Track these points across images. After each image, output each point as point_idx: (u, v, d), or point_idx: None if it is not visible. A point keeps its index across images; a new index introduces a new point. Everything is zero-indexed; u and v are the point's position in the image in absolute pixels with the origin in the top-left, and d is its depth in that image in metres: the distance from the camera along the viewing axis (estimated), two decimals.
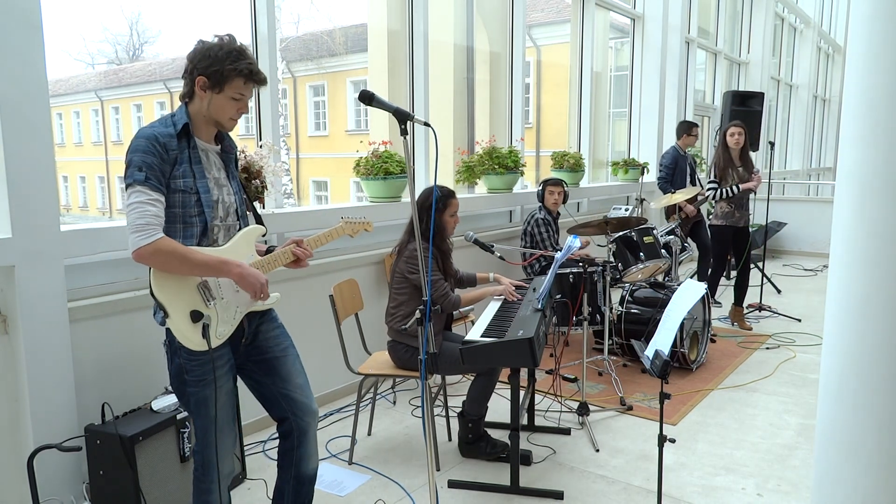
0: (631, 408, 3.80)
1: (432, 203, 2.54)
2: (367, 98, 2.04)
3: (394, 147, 4.34)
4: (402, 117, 2.04)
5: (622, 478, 3.04)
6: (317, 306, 3.72)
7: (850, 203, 1.72)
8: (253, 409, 2.79)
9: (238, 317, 2.09)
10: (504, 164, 5.21)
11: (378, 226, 4.31)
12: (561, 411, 3.76)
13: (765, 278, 6.55)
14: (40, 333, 2.55)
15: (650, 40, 7.99)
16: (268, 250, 2.21)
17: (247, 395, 2.27)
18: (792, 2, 12.69)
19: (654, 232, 4.55)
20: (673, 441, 2.46)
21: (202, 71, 1.95)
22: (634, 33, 8.04)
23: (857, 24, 1.70)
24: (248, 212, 2.26)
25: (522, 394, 3.29)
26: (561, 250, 3.21)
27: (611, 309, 4.35)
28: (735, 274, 5.59)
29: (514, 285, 3.42)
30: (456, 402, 3.68)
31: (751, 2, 11.26)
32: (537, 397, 3.85)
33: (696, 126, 6.19)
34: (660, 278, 4.94)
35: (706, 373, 4.42)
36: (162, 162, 1.90)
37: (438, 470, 3.14)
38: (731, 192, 5.20)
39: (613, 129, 8.51)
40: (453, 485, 2.97)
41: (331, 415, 3.79)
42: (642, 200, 6.40)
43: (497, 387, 3.32)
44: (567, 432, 3.50)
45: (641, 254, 4.38)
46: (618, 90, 8.47)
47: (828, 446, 1.84)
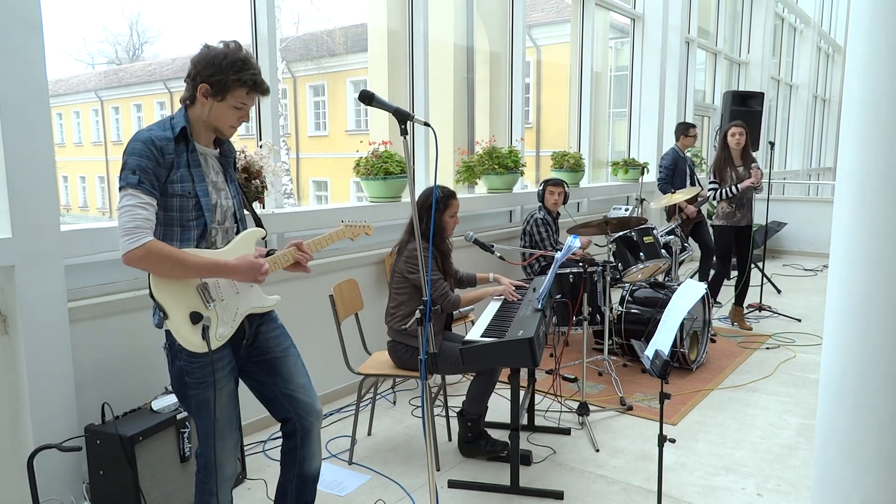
0: (631, 408, 3.80)
1: (433, 203, 2.54)
2: (367, 98, 2.04)
3: (394, 147, 4.33)
4: (402, 117, 2.04)
5: (622, 478, 3.04)
6: (317, 306, 3.72)
7: (850, 203, 1.73)
8: (253, 409, 2.79)
9: (238, 318, 2.08)
10: (504, 164, 5.21)
11: (378, 226, 4.31)
12: (561, 411, 3.76)
13: (765, 278, 6.55)
14: (40, 333, 2.55)
15: (650, 40, 7.99)
16: (268, 253, 2.21)
17: (246, 395, 2.27)
18: (792, 2, 12.69)
19: (654, 232, 4.55)
20: (673, 441, 2.47)
21: (205, 78, 1.95)
22: (634, 33, 8.04)
23: (857, 24, 1.70)
24: (247, 214, 2.26)
25: (522, 394, 3.29)
26: (561, 250, 3.21)
27: (611, 309, 4.35)
28: (735, 274, 5.59)
29: (513, 285, 3.42)
30: (456, 402, 3.68)
31: (751, 2, 11.26)
32: (537, 397, 3.85)
33: (694, 126, 6.19)
34: (660, 278, 4.94)
35: (706, 373, 4.42)
36: (157, 166, 1.89)
37: (438, 470, 3.14)
38: (731, 191, 5.20)
39: (613, 129, 8.51)
40: (453, 485, 2.97)
41: (331, 415, 3.79)
42: (642, 200, 6.40)
43: (497, 387, 3.32)
44: (567, 432, 3.50)
45: (641, 254, 4.38)
46: (618, 90, 8.47)
47: (828, 446, 1.84)
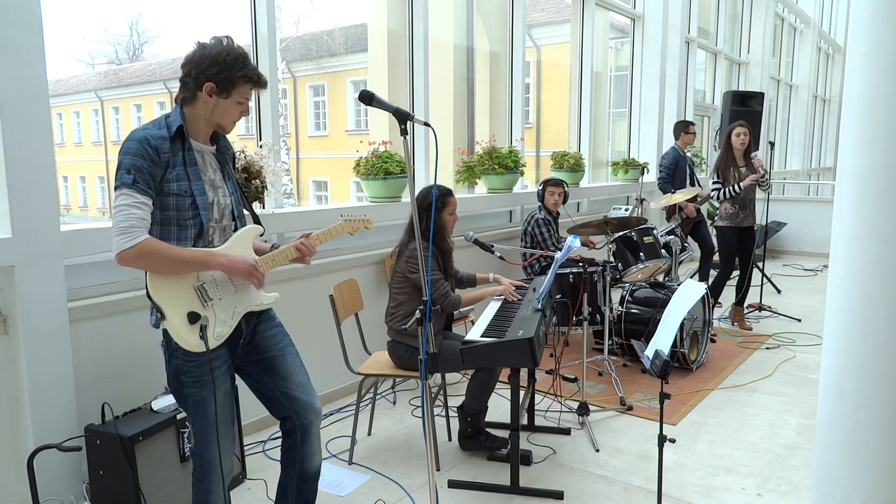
0: (631, 408, 3.80)
1: (432, 202, 2.54)
2: (367, 98, 2.04)
3: (394, 147, 4.33)
4: (402, 117, 2.04)
5: (622, 478, 3.04)
6: (317, 306, 3.72)
7: (851, 203, 1.73)
8: (253, 409, 2.79)
9: (237, 317, 2.08)
10: (504, 164, 5.21)
11: (378, 226, 4.31)
12: (561, 411, 3.76)
13: (765, 278, 6.55)
14: (40, 333, 2.55)
15: (650, 40, 7.98)
16: (272, 248, 2.21)
17: (246, 395, 2.28)
18: (792, 2, 12.69)
19: (654, 232, 4.55)
20: (673, 441, 2.47)
21: (211, 77, 1.95)
22: (634, 33, 8.04)
23: (857, 24, 1.70)
24: (246, 212, 2.26)
25: (522, 394, 3.29)
26: (561, 250, 3.21)
27: (611, 309, 4.35)
28: (736, 274, 5.59)
29: (514, 285, 3.42)
30: (456, 402, 3.67)
31: (751, 2, 11.26)
32: (537, 397, 3.85)
33: (693, 124, 6.19)
34: (660, 278, 4.94)
35: (706, 373, 4.42)
36: (152, 165, 1.88)
37: (438, 470, 3.14)
38: (734, 190, 5.20)
39: (613, 129, 8.50)
40: (453, 485, 2.97)
41: (331, 415, 3.79)
42: (642, 200, 6.40)
43: (497, 387, 3.32)
44: (567, 432, 3.50)
45: (641, 254, 4.38)
46: (618, 90, 8.47)
47: (828, 446, 1.84)
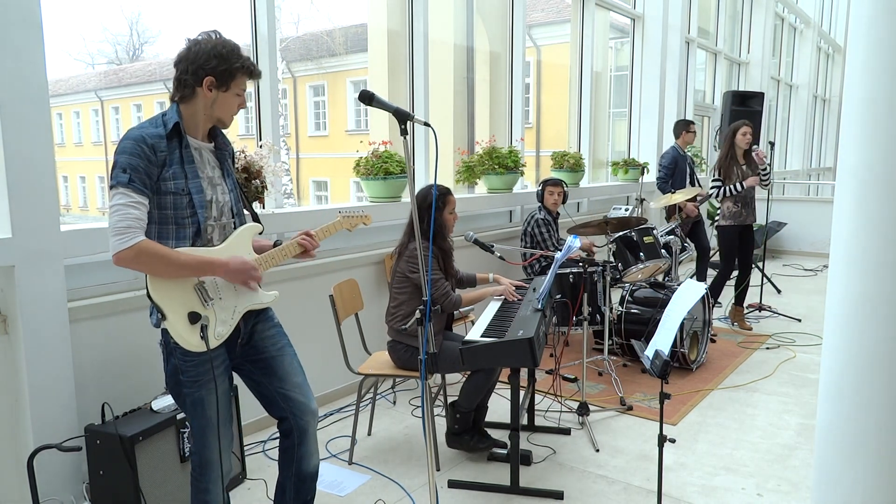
0: (631, 408, 3.80)
1: (432, 202, 2.54)
2: (367, 98, 2.04)
3: (394, 147, 4.33)
4: (402, 117, 2.04)
5: (622, 478, 3.04)
6: (317, 306, 3.72)
7: (851, 203, 1.72)
8: (253, 409, 2.79)
9: (236, 317, 2.08)
10: (504, 164, 5.21)
11: (378, 226, 4.32)
12: (561, 411, 3.76)
13: (765, 278, 6.54)
14: (40, 333, 2.55)
15: (650, 40, 7.98)
16: (275, 244, 2.21)
17: (246, 395, 2.28)
18: (792, 2, 12.69)
19: (654, 232, 4.55)
20: (673, 441, 2.47)
21: (210, 71, 1.95)
22: (634, 33, 8.04)
23: (857, 24, 1.70)
24: (245, 209, 2.25)
25: (522, 394, 3.29)
26: (561, 250, 3.21)
27: (611, 309, 4.35)
28: (736, 273, 5.58)
29: (514, 285, 3.42)
30: None
31: (751, 2, 11.26)
32: (537, 397, 3.84)
33: (694, 123, 6.19)
34: (660, 278, 4.94)
35: (706, 373, 4.42)
36: (149, 164, 1.87)
37: (438, 470, 3.13)
38: (736, 188, 5.20)
39: (613, 129, 8.50)
40: (453, 485, 2.97)
41: (331, 415, 3.80)
42: (642, 200, 6.39)
43: (497, 387, 3.32)
44: (567, 432, 3.50)
45: (641, 254, 4.38)
46: (618, 90, 8.46)
47: (828, 446, 1.84)
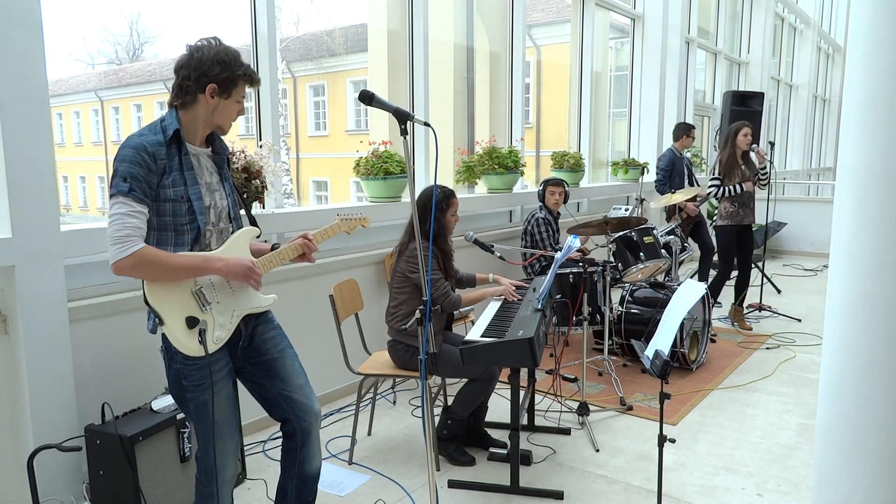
0: (631, 408, 3.80)
1: (434, 202, 2.53)
2: (367, 98, 2.04)
3: (394, 147, 4.33)
4: (402, 117, 2.04)
5: (622, 478, 3.04)
6: (317, 306, 3.72)
7: (851, 203, 1.72)
8: (252, 409, 2.79)
9: (235, 320, 2.07)
10: (504, 164, 5.21)
11: (378, 226, 4.32)
12: (561, 411, 3.76)
13: (765, 278, 6.54)
14: (40, 333, 2.55)
15: (650, 40, 7.98)
16: (273, 248, 2.21)
17: (246, 395, 2.27)
18: (792, 2, 12.69)
19: (654, 232, 4.55)
20: (673, 441, 2.47)
21: (213, 78, 1.94)
22: (634, 33, 8.04)
23: (857, 24, 1.70)
24: (242, 213, 2.25)
25: (522, 394, 3.29)
26: (561, 250, 3.21)
27: (611, 309, 4.35)
28: (736, 274, 5.58)
29: (513, 285, 3.42)
30: None
31: (751, 2, 11.26)
32: (537, 397, 3.84)
33: (694, 128, 6.20)
34: (660, 278, 4.94)
35: (706, 373, 4.42)
36: (148, 172, 1.86)
37: (438, 470, 3.14)
38: (735, 189, 5.20)
39: (613, 129, 8.50)
40: (453, 485, 2.97)
41: (331, 415, 3.79)
42: (642, 200, 6.40)
43: (497, 387, 3.32)
44: (567, 432, 3.50)
45: (641, 254, 4.38)
46: (618, 90, 8.46)
47: (828, 446, 1.84)
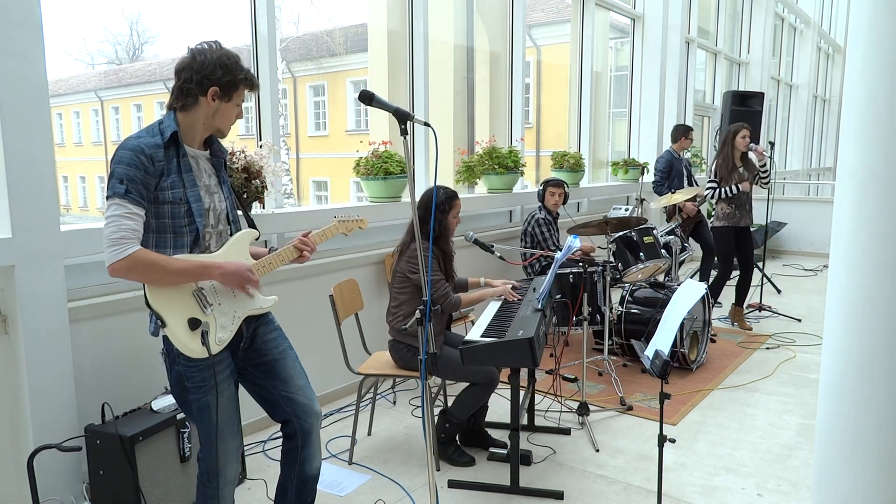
0: (631, 408, 3.80)
1: (434, 203, 2.53)
2: (367, 98, 2.04)
3: (394, 147, 4.33)
4: (402, 117, 2.03)
5: (622, 478, 3.04)
6: (317, 306, 3.72)
7: (850, 203, 1.72)
8: (253, 409, 2.78)
9: (237, 321, 2.07)
10: (504, 164, 5.21)
11: (378, 226, 4.32)
12: (561, 411, 3.76)
13: (765, 278, 6.54)
14: (40, 333, 2.55)
15: (650, 40, 7.98)
16: (269, 251, 2.21)
17: (245, 395, 2.27)
18: (792, 2, 12.69)
19: (654, 232, 4.55)
20: (673, 441, 2.47)
21: (216, 81, 1.94)
22: (634, 33, 8.04)
23: (857, 24, 1.70)
24: (240, 215, 2.25)
25: (522, 394, 3.29)
26: (561, 250, 3.21)
27: (611, 309, 4.34)
28: (736, 274, 5.58)
29: (510, 284, 3.41)
30: None
31: (751, 2, 11.26)
32: (537, 397, 3.84)
33: (692, 130, 6.21)
34: (660, 278, 4.94)
35: (706, 373, 4.42)
36: (146, 175, 1.86)
37: (438, 470, 3.14)
38: (731, 190, 5.21)
39: (613, 129, 8.50)
40: (453, 485, 2.97)
41: (331, 415, 3.79)
42: (642, 200, 6.40)
43: (497, 387, 3.31)
44: (567, 432, 3.50)
45: (641, 254, 4.38)
46: (618, 90, 8.46)
47: (828, 446, 1.84)
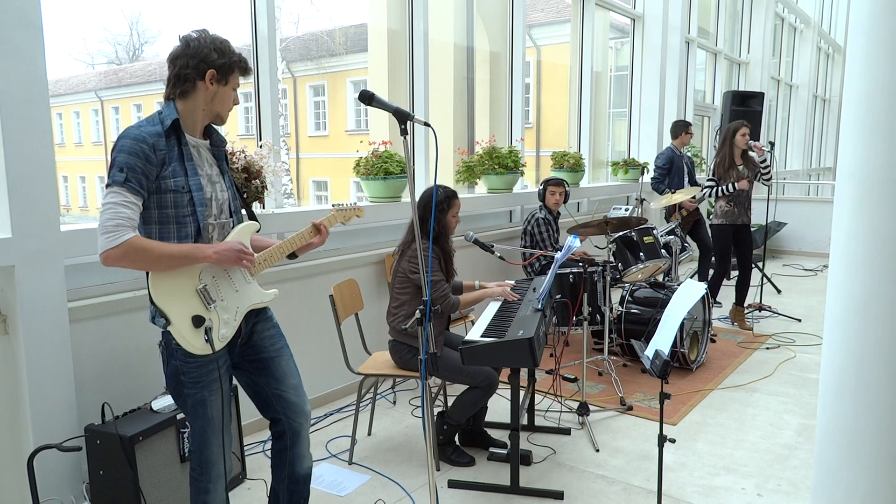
0: (631, 408, 3.80)
1: (434, 203, 2.53)
2: (367, 98, 2.04)
3: (394, 147, 4.33)
4: (402, 117, 2.03)
5: (622, 478, 3.04)
6: (317, 306, 3.72)
7: (850, 203, 1.72)
8: (253, 409, 2.79)
9: (238, 317, 2.08)
10: (504, 164, 5.21)
11: (378, 226, 4.32)
12: (561, 411, 3.76)
13: (765, 278, 6.54)
14: (40, 333, 2.55)
15: (650, 40, 7.98)
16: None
17: (245, 395, 2.28)
18: (792, 2, 12.69)
19: (654, 232, 4.55)
20: (673, 441, 2.47)
21: (212, 63, 1.95)
22: (634, 33, 8.04)
23: (857, 24, 1.70)
24: (243, 208, 2.25)
25: (522, 394, 3.29)
26: (561, 250, 3.21)
27: (611, 309, 4.34)
28: (736, 274, 5.59)
29: (507, 286, 3.41)
30: None
31: (751, 2, 11.26)
32: (537, 397, 3.84)
33: (691, 125, 6.21)
34: (660, 278, 4.94)
35: (706, 373, 4.42)
36: (147, 164, 1.84)
37: (438, 470, 3.14)
38: (728, 189, 5.21)
39: (613, 129, 8.50)
40: (453, 485, 2.97)
41: (331, 415, 3.79)
42: (642, 200, 6.39)
43: (496, 390, 3.31)
44: (567, 432, 3.50)
45: (641, 254, 4.39)
46: (618, 90, 8.47)
47: (828, 446, 1.84)
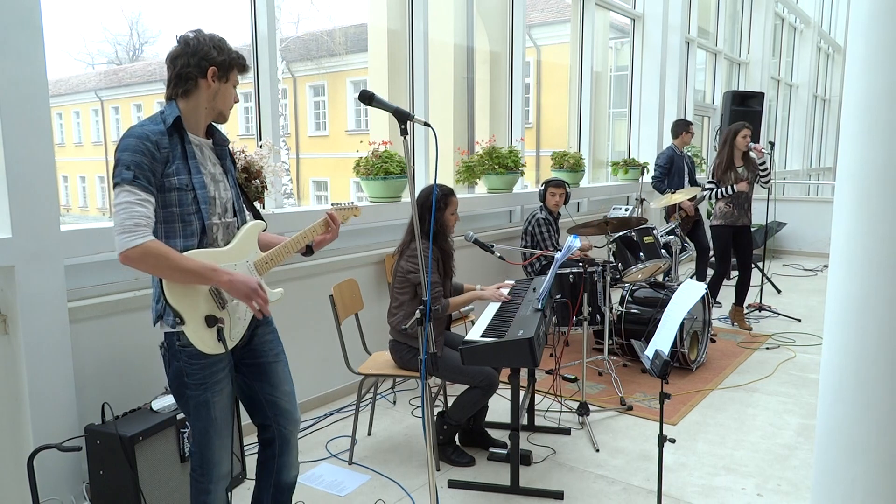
0: (631, 408, 3.80)
1: (434, 202, 2.53)
2: (367, 98, 2.04)
3: (394, 147, 4.33)
4: (402, 117, 2.03)
5: (622, 478, 3.04)
6: (317, 306, 3.72)
7: (850, 203, 1.72)
8: None
9: (248, 316, 2.09)
10: (504, 164, 5.21)
11: (378, 226, 4.32)
12: (561, 411, 3.76)
13: (765, 278, 6.55)
14: (40, 333, 2.55)
15: (650, 40, 7.99)
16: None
17: None
18: (792, 2, 12.69)
19: (654, 232, 4.55)
20: (673, 441, 2.47)
21: (212, 61, 1.95)
22: (634, 33, 8.04)
23: (857, 24, 1.70)
24: (247, 208, 2.25)
25: (522, 394, 3.29)
26: (561, 250, 3.21)
27: (611, 309, 4.35)
28: (736, 274, 5.59)
29: (501, 287, 3.41)
30: None
31: (751, 2, 11.26)
32: (537, 397, 3.84)
33: (692, 124, 6.21)
34: (660, 278, 4.94)
35: (706, 373, 4.42)
36: (153, 161, 1.84)
37: (438, 470, 3.14)
38: (728, 191, 5.21)
39: (613, 129, 8.50)
40: (453, 485, 2.97)
41: (331, 415, 3.79)
42: (642, 200, 6.39)
43: (496, 390, 3.31)
44: (567, 432, 3.50)
45: (641, 254, 4.39)
46: (618, 90, 8.47)
47: (828, 446, 1.84)
